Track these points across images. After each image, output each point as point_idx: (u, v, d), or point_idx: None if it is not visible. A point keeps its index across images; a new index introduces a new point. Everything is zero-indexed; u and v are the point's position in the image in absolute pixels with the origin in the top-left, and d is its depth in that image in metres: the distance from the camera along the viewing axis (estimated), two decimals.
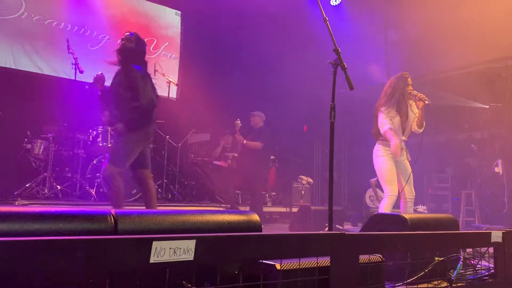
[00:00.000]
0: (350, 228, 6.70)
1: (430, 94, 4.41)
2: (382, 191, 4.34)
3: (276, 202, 7.98)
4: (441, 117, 7.76)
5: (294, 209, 7.32)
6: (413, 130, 4.30)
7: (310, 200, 8.17)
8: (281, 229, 5.94)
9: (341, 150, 9.47)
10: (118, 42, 3.88)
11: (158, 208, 5.04)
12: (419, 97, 4.10)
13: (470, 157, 8.21)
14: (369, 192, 7.26)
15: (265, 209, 7.33)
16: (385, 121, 4.07)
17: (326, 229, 5.62)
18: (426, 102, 4.04)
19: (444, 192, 8.46)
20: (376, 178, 6.76)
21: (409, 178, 4.16)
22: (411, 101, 4.31)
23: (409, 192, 4.17)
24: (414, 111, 4.26)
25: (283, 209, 7.69)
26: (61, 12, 7.07)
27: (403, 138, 4.23)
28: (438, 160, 8.78)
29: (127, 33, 3.88)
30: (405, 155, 4.29)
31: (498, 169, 6.97)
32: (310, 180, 8.26)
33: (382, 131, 4.10)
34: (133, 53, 3.80)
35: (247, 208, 6.80)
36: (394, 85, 4.21)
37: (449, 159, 8.63)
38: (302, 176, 8.21)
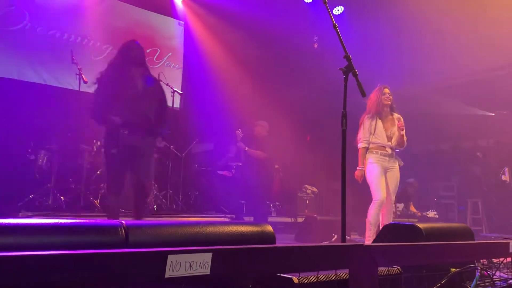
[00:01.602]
0: (357, 238, 6.61)
1: (435, 102, 4.46)
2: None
3: (281, 212, 7.90)
4: (445, 125, 7.71)
5: (299, 219, 7.24)
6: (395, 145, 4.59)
7: (315, 210, 8.09)
8: (287, 239, 5.87)
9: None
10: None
11: (164, 219, 4.99)
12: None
13: (476, 165, 8.15)
14: None
15: (270, 219, 7.25)
16: (360, 142, 4.52)
17: (333, 239, 5.56)
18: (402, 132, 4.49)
19: (449, 201, 8.37)
20: None
21: (395, 186, 4.50)
22: (396, 114, 4.64)
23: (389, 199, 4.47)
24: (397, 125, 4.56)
25: (287, 219, 7.60)
26: (64, 23, 7.07)
27: (389, 143, 4.50)
28: (443, 168, 8.71)
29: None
30: (396, 161, 4.55)
31: (505, 177, 6.90)
32: (314, 189, 8.19)
33: (358, 145, 4.53)
34: None
35: (251, 218, 6.73)
36: (372, 96, 4.59)
37: (454, 167, 8.57)
38: (306, 186, 8.14)
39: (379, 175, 4.39)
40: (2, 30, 6.50)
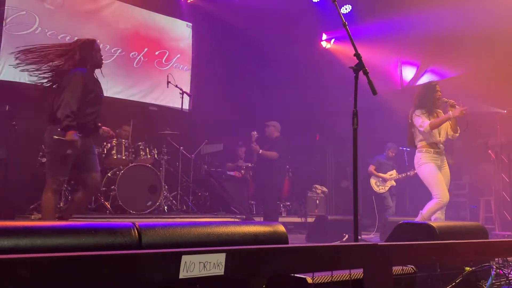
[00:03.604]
0: (367, 237, 6.58)
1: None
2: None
3: (291, 212, 7.89)
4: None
5: (310, 219, 7.22)
6: (449, 136, 4.45)
7: (325, 210, 8.06)
8: (298, 239, 5.85)
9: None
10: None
11: (174, 220, 4.99)
12: (450, 103, 4.29)
13: (488, 163, 8.05)
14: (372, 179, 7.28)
15: (280, 219, 7.24)
16: (425, 121, 4.26)
17: (345, 239, 5.53)
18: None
19: (461, 199, 8.28)
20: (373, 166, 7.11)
21: (447, 184, 4.30)
22: (439, 110, 4.51)
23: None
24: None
25: (298, 219, 7.59)
26: (74, 27, 7.12)
27: (439, 139, 4.37)
28: (455, 166, 8.61)
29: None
30: (445, 159, 4.42)
31: None
32: (324, 189, 8.16)
33: (423, 129, 4.25)
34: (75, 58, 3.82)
35: (262, 219, 6.72)
36: (423, 94, 4.43)
37: (465, 165, 8.47)
38: (316, 186, 8.12)
39: (437, 172, 4.21)
40: (13, 34, 6.57)
